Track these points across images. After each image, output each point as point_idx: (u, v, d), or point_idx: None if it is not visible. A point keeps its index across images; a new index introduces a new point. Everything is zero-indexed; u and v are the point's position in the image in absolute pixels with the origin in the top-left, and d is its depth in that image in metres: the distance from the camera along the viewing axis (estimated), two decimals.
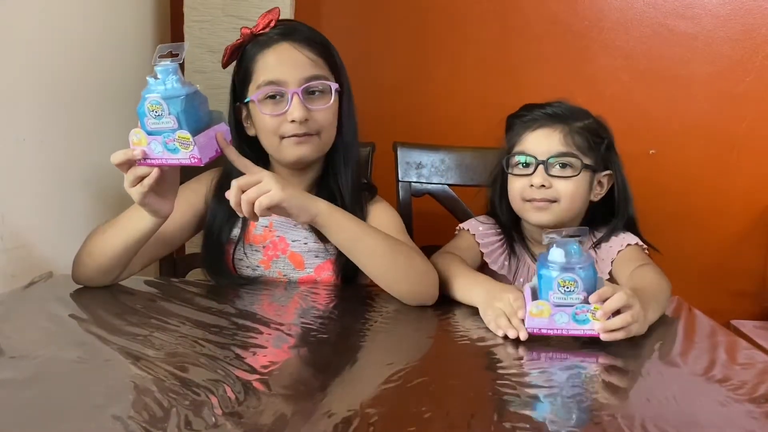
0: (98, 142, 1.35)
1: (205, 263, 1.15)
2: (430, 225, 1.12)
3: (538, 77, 1.76)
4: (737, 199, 1.76)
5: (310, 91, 1.07)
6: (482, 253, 1.22)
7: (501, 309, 0.93)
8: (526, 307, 0.89)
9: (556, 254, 0.88)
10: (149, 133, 0.89)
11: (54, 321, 0.92)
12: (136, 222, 1.00)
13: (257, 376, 0.74)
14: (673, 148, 1.75)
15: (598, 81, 1.75)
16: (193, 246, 1.43)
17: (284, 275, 1.15)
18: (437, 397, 0.71)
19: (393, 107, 1.77)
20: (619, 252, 1.16)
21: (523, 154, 1.17)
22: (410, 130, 1.60)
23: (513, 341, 0.88)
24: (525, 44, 1.77)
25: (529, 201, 1.17)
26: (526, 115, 1.22)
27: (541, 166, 1.15)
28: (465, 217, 1.38)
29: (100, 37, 1.36)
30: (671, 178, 1.75)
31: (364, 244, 1.01)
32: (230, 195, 0.93)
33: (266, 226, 1.15)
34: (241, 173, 0.98)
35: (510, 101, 1.31)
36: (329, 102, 1.08)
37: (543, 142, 1.16)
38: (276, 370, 0.77)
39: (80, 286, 1.06)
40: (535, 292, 0.90)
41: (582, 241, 0.89)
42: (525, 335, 0.89)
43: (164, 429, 0.61)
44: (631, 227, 1.21)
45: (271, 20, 1.09)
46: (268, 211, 0.93)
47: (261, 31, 1.09)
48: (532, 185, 1.16)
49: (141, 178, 0.92)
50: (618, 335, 0.87)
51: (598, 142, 1.18)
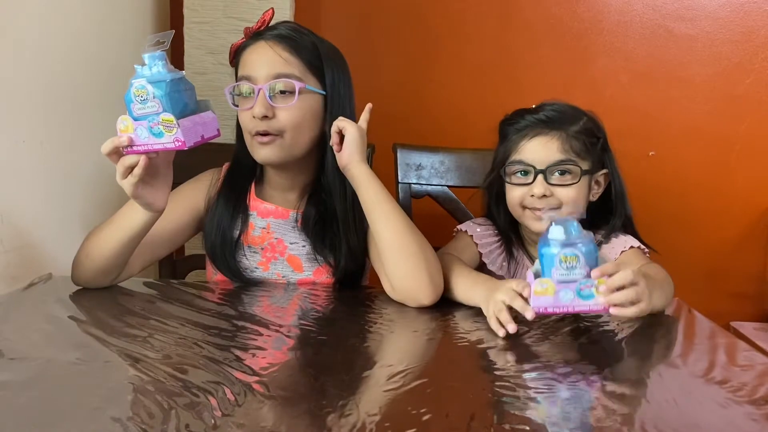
0: (98, 143, 1.34)
1: (216, 259, 1.15)
2: (429, 227, 1.12)
3: (537, 79, 1.76)
4: (737, 200, 1.76)
5: (277, 89, 1.07)
6: (480, 254, 1.22)
7: (502, 301, 0.92)
8: (531, 287, 0.89)
9: (555, 231, 0.88)
10: (135, 119, 0.90)
11: (53, 322, 0.92)
12: (131, 218, 1.01)
13: (257, 378, 0.74)
14: (673, 149, 1.76)
15: (597, 82, 1.75)
16: (192, 248, 1.43)
17: (283, 277, 1.15)
18: (437, 399, 0.71)
19: (393, 109, 1.77)
20: (622, 252, 1.16)
21: (521, 163, 1.16)
22: (410, 132, 1.60)
23: (513, 342, 0.88)
24: (525, 46, 1.77)
25: (530, 209, 1.17)
26: (520, 121, 1.20)
27: (540, 175, 1.14)
28: (465, 219, 1.38)
29: (100, 39, 1.36)
30: (671, 179, 1.75)
31: (383, 210, 1.05)
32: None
33: (264, 228, 1.15)
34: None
35: (510, 103, 1.31)
36: (293, 101, 1.07)
37: (541, 150, 1.15)
38: (275, 372, 0.77)
39: (80, 288, 1.06)
40: (538, 275, 0.90)
41: (578, 217, 0.90)
42: (531, 314, 0.89)
43: (163, 431, 0.61)
44: (628, 226, 1.21)
45: (264, 20, 1.12)
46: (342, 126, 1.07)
47: (256, 30, 1.12)
48: (532, 195, 1.15)
49: (131, 169, 0.93)
50: (627, 311, 0.87)
51: (593, 143, 1.18)
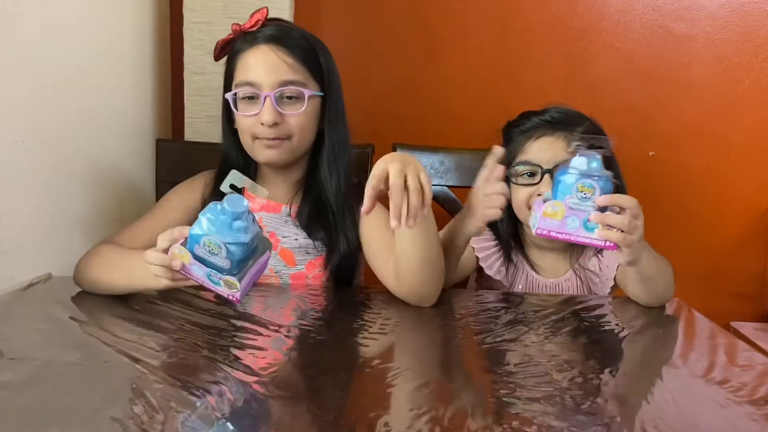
0: (99, 144, 1.35)
1: None
2: None
3: (537, 79, 1.76)
4: (737, 200, 1.76)
5: (284, 96, 1.08)
6: (477, 258, 1.22)
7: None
8: (539, 209, 0.91)
9: (579, 161, 0.91)
10: (194, 256, 0.83)
11: (53, 323, 0.92)
12: (147, 282, 0.93)
13: (256, 378, 0.74)
14: (673, 149, 1.75)
15: (597, 83, 1.75)
16: None
17: (275, 272, 1.15)
18: (436, 399, 0.71)
19: (392, 108, 1.77)
20: None
21: (527, 163, 1.17)
22: (410, 132, 1.60)
23: (513, 342, 0.88)
24: (525, 46, 1.77)
25: None
26: (525, 122, 1.21)
27: (547, 175, 1.15)
28: None
29: (99, 39, 1.36)
30: (671, 179, 1.75)
31: (426, 227, 0.97)
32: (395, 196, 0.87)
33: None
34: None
35: (510, 102, 1.31)
36: (302, 108, 1.08)
37: (547, 150, 1.16)
38: (275, 372, 0.77)
39: (79, 289, 1.06)
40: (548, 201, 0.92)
41: (607, 155, 0.93)
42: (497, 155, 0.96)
43: (162, 431, 0.61)
44: None
45: (259, 19, 1.11)
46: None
47: (249, 29, 1.11)
48: (539, 195, 1.15)
49: (177, 279, 0.87)
50: (612, 235, 0.88)
51: (597, 146, 1.18)
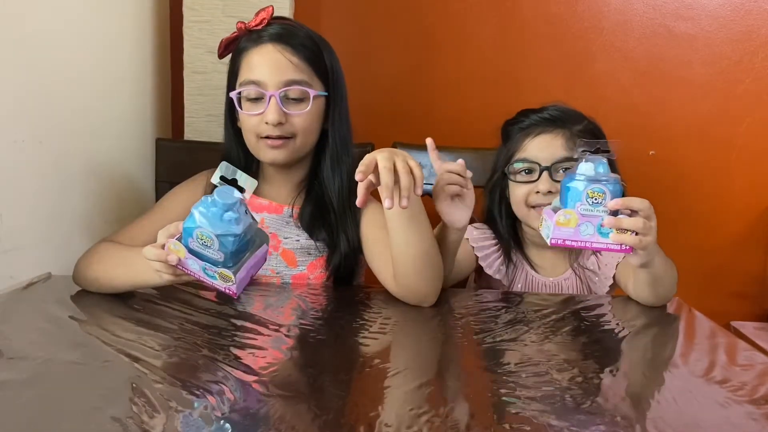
0: (97, 143, 1.35)
1: None
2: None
3: (537, 78, 1.76)
4: (737, 200, 1.76)
5: (289, 96, 1.08)
6: (477, 257, 1.22)
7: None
8: (551, 219, 0.90)
9: (585, 167, 0.89)
10: (189, 250, 0.84)
11: (53, 322, 0.92)
12: (149, 277, 0.94)
13: (256, 378, 0.74)
14: (673, 149, 1.75)
15: (597, 82, 1.75)
16: None
17: (276, 273, 1.15)
18: (436, 399, 0.71)
19: (392, 107, 1.77)
20: (624, 256, 1.16)
21: (525, 161, 1.17)
22: (409, 131, 1.60)
23: (513, 341, 0.88)
24: (524, 45, 1.77)
25: (535, 207, 1.17)
26: (524, 120, 1.21)
27: (545, 172, 1.14)
28: None
29: (98, 38, 1.36)
30: (671, 178, 1.75)
31: (417, 222, 0.99)
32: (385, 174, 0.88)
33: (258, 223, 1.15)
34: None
35: (509, 102, 1.31)
36: (307, 108, 1.08)
37: (545, 148, 1.16)
38: (275, 372, 0.77)
39: (79, 288, 1.06)
40: (556, 210, 0.91)
41: (611, 159, 0.92)
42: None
43: (162, 430, 0.61)
44: None
45: (264, 18, 1.11)
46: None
47: (254, 28, 1.11)
48: (537, 192, 1.15)
49: (179, 274, 0.88)
50: (627, 239, 0.87)
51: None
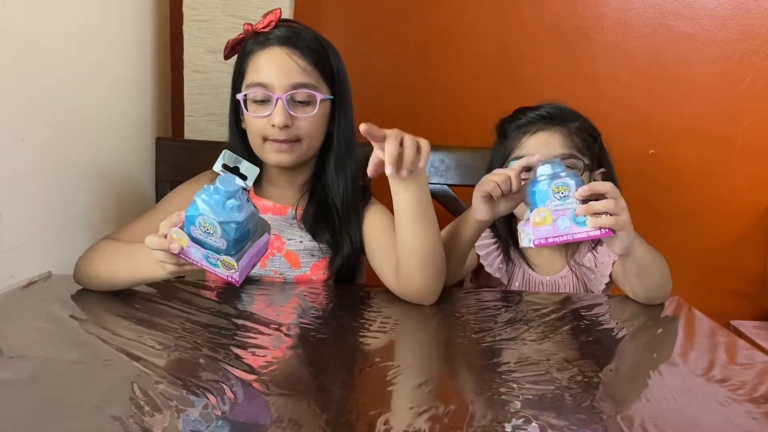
0: (98, 142, 1.35)
1: None
2: None
3: (537, 77, 1.76)
4: (737, 199, 1.76)
5: (296, 99, 1.08)
6: (478, 256, 1.22)
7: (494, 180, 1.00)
8: (527, 225, 0.92)
9: (543, 168, 0.93)
10: (192, 239, 0.84)
11: (53, 321, 0.92)
12: (151, 270, 0.95)
13: (256, 377, 0.74)
14: (673, 148, 1.76)
15: (597, 81, 1.75)
16: None
17: (280, 274, 1.15)
18: (437, 398, 0.71)
19: (392, 107, 1.77)
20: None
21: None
22: (409, 130, 1.59)
23: (513, 340, 0.88)
24: (524, 44, 1.77)
25: None
26: (521, 118, 1.21)
27: None
28: None
29: (99, 37, 1.36)
30: (671, 178, 1.75)
31: (424, 218, 0.99)
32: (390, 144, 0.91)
33: None
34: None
35: (510, 101, 1.31)
36: (313, 111, 1.08)
37: (543, 145, 1.16)
38: (275, 371, 0.77)
39: (80, 287, 1.06)
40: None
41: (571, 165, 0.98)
42: (535, 158, 0.96)
43: (163, 429, 0.61)
44: None
45: (272, 21, 1.10)
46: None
47: (261, 30, 1.11)
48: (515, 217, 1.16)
49: (182, 264, 0.89)
50: (604, 221, 0.89)
51: (591, 141, 1.18)
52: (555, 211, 0.90)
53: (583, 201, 0.91)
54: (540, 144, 1.17)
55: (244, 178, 0.86)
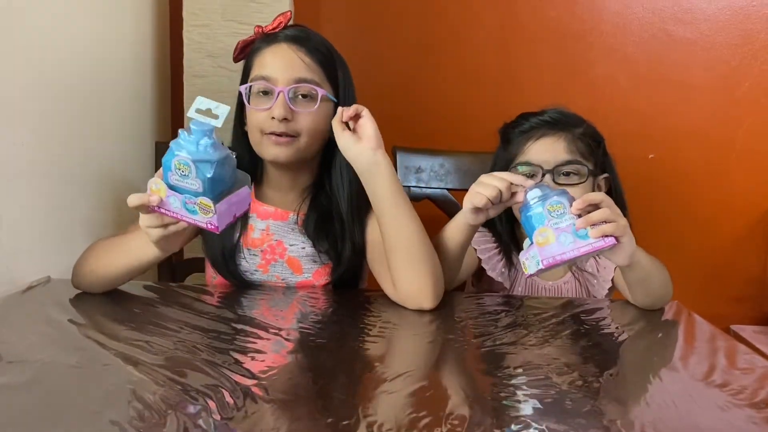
0: (98, 146, 1.35)
1: (217, 263, 1.15)
2: (429, 230, 1.12)
3: (537, 81, 1.76)
4: (736, 203, 1.76)
5: (298, 93, 1.08)
6: (480, 260, 1.22)
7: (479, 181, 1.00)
8: (531, 249, 0.92)
9: (533, 193, 0.94)
10: (170, 187, 0.86)
11: (52, 325, 0.92)
12: (142, 251, 0.99)
13: (256, 382, 0.74)
14: (673, 152, 1.76)
15: (597, 85, 1.76)
16: (191, 251, 1.43)
17: (282, 279, 1.15)
18: (436, 403, 0.71)
19: (392, 111, 1.76)
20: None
21: (528, 164, 1.16)
22: (409, 135, 1.60)
23: (513, 345, 0.88)
24: (524, 48, 1.77)
25: None
26: (524, 123, 1.21)
27: (548, 175, 1.15)
28: None
29: (99, 42, 1.36)
30: (670, 182, 1.75)
31: (398, 209, 1.03)
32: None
33: (263, 230, 1.15)
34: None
35: (509, 105, 1.31)
36: (314, 107, 1.08)
37: (547, 151, 1.16)
38: (275, 376, 0.77)
39: (79, 291, 1.06)
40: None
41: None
42: (530, 182, 0.96)
43: None
44: None
45: (281, 22, 1.12)
46: (358, 117, 1.03)
47: (271, 31, 1.12)
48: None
49: (166, 225, 0.91)
50: (606, 228, 0.90)
51: (595, 147, 1.18)
52: (556, 229, 0.90)
53: (578, 216, 0.91)
54: (544, 149, 1.16)
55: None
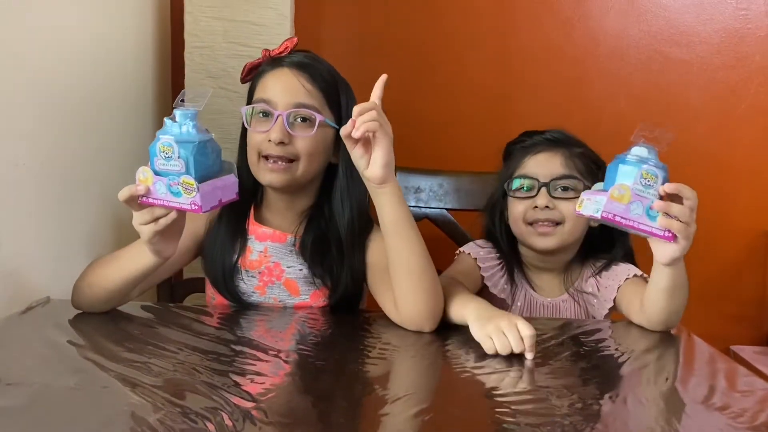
0: (98, 167, 1.36)
1: (217, 284, 1.15)
2: (428, 249, 1.12)
3: (534, 103, 1.77)
4: (734, 224, 1.76)
5: (297, 118, 1.09)
6: (483, 277, 1.22)
7: (500, 327, 0.92)
8: (599, 195, 0.90)
9: (639, 150, 0.92)
10: (156, 173, 0.90)
11: (51, 347, 0.91)
12: (137, 260, 1.01)
13: (255, 404, 0.74)
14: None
15: (594, 107, 1.77)
16: (190, 271, 1.42)
17: (279, 301, 1.15)
18: (436, 425, 0.70)
19: (392, 131, 1.77)
20: (626, 279, 1.16)
21: (525, 177, 1.18)
22: (408, 155, 1.60)
23: (513, 367, 0.88)
24: (522, 69, 1.79)
25: (532, 225, 1.18)
26: (526, 140, 1.23)
27: (544, 188, 1.16)
28: (464, 242, 1.38)
29: (101, 64, 1.37)
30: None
31: (405, 233, 1.01)
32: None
33: (261, 252, 1.15)
34: (240, 195, 1.00)
35: (508, 126, 1.32)
36: (312, 132, 1.09)
37: (545, 165, 1.18)
38: (274, 398, 0.77)
39: (78, 312, 1.06)
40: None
41: (662, 149, 0.94)
42: (530, 356, 0.90)
43: None
44: (629, 259, 1.22)
45: (288, 47, 1.13)
46: (373, 125, 0.94)
47: (277, 54, 1.13)
48: (536, 207, 1.16)
49: (156, 219, 0.93)
50: (674, 224, 0.89)
51: (595, 169, 1.19)
52: (635, 193, 0.89)
53: (661, 197, 0.90)
54: (541, 163, 1.18)
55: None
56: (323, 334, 1.03)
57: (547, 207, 1.16)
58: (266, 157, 1.09)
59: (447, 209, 1.49)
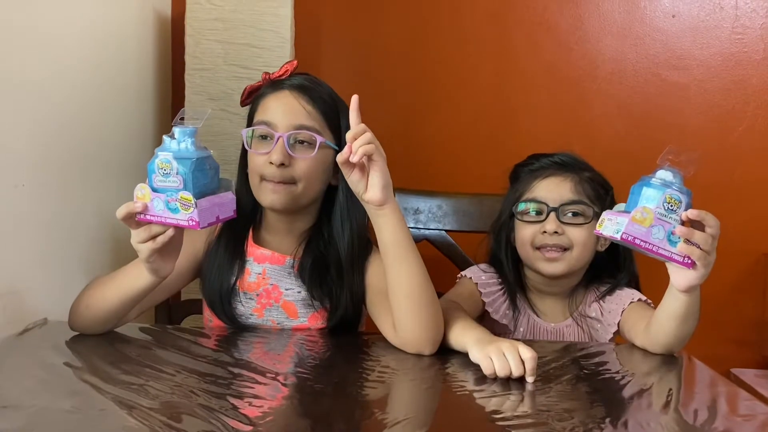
0: (97, 189, 1.36)
1: (215, 306, 1.14)
2: (428, 271, 1.12)
3: (534, 125, 1.78)
4: (733, 247, 1.75)
5: (297, 140, 1.09)
6: (484, 302, 1.22)
7: (500, 348, 0.91)
8: (621, 216, 0.89)
9: (665, 173, 0.91)
10: (155, 190, 0.91)
11: (48, 369, 0.91)
12: (135, 279, 1.01)
13: (252, 428, 0.73)
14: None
15: (592, 129, 1.78)
16: (188, 292, 1.42)
17: (278, 323, 1.15)
18: None
19: (390, 153, 1.75)
20: (630, 303, 1.16)
21: (534, 201, 1.18)
22: (407, 176, 1.61)
23: (513, 390, 0.87)
24: (521, 91, 1.80)
25: (540, 249, 1.17)
26: (534, 163, 1.23)
27: (553, 213, 1.15)
28: (463, 263, 1.37)
29: (101, 86, 1.38)
30: None
31: (404, 256, 1.01)
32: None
33: (260, 274, 1.15)
34: (240, 217, 1.01)
35: (507, 147, 1.33)
36: (312, 154, 1.09)
37: (554, 189, 1.17)
38: (272, 422, 0.76)
39: (75, 334, 1.05)
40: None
41: (687, 174, 0.93)
42: (532, 379, 0.89)
43: None
44: (633, 284, 1.21)
45: (288, 69, 1.13)
46: (370, 147, 0.96)
47: (277, 77, 1.14)
48: (544, 232, 1.16)
49: (154, 237, 0.93)
50: (695, 251, 0.89)
51: (603, 193, 1.19)
52: (657, 218, 0.89)
53: (682, 223, 0.90)
54: (550, 188, 1.18)
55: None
56: (322, 357, 1.03)
57: (556, 232, 1.15)
58: (268, 180, 1.10)
59: (446, 231, 1.49)
